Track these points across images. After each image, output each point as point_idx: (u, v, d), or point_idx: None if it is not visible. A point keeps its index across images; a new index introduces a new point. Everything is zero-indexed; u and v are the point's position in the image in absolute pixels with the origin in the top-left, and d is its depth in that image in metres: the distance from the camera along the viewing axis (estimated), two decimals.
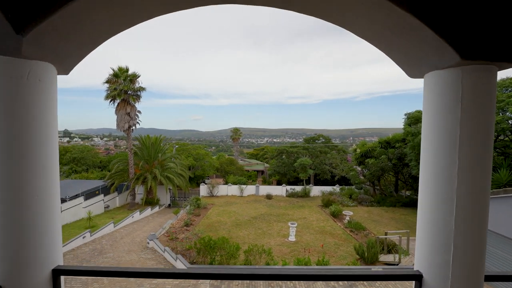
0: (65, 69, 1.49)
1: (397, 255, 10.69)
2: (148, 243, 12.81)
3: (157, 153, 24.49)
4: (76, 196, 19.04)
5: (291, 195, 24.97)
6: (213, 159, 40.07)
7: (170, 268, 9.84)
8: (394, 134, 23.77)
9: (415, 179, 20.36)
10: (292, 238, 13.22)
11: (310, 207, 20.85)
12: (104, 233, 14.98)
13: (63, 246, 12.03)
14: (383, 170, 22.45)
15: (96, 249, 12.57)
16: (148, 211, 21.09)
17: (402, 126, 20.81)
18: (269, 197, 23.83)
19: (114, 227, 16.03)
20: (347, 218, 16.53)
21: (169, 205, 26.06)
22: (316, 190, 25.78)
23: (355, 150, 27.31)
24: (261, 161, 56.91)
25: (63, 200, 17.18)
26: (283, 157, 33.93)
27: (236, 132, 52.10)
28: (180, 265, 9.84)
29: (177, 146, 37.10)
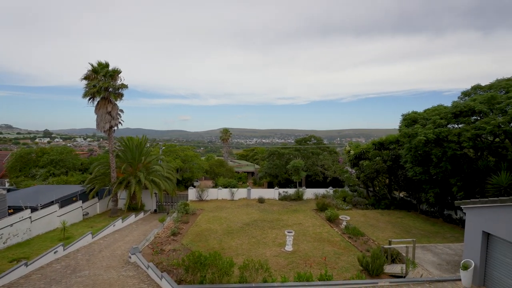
0: None
1: (403, 265, 9.94)
2: (130, 257, 11.48)
3: (142, 155, 22.92)
4: (51, 204, 17.28)
5: (284, 198, 24.10)
6: (202, 160, 38.68)
7: None
8: (388, 135, 23.40)
9: (409, 181, 19.95)
10: (289, 247, 12.28)
11: (305, 211, 20.02)
12: (80, 246, 13.46)
13: (29, 264, 10.55)
14: (378, 172, 22.03)
15: (70, 265, 11.11)
16: (132, 218, 19.57)
17: (392, 127, 20.75)
18: (261, 200, 22.85)
19: (93, 238, 14.50)
20: (344, 223, 15.80)
21: (155, 210, 24.54)
22: (309, 193, 25.04)
23: (348, 151, 26.80)
24: (251, 162, 55.83)
25: (34, 209, 15.43)
26: (275, 158, 33.06)
27: (225, 133, 50.78)
28: (166, 285, 8.64)
29: (163, 147, 35.45)
